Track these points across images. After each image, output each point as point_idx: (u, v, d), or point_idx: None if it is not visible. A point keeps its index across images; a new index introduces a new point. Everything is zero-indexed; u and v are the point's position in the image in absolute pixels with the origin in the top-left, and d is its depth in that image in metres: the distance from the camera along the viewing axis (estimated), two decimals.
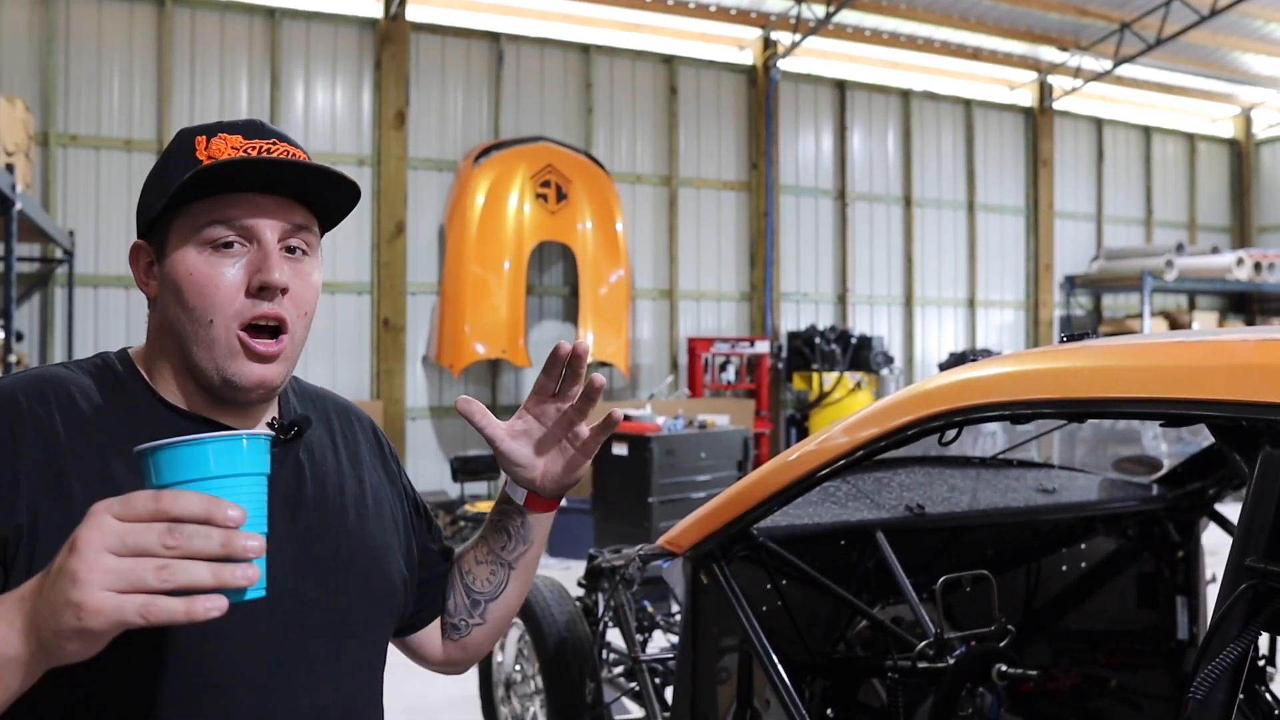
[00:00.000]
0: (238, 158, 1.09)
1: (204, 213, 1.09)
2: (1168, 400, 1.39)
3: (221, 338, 1.09)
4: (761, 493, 2.13)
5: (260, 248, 1.10)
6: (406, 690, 5.04)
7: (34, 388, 1.09)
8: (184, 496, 0.83)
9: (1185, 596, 2.81)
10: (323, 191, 1.15)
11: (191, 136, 1.13)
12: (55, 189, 8.45)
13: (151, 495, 0.83)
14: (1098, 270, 13.52)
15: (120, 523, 0.82)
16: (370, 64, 9.58)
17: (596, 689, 3.08)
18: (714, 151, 11.31)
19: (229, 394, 1.13)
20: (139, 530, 0.81)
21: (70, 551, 0.82)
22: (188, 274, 1.09)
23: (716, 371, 10.61)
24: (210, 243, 1.09)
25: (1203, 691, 1.18)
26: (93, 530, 0.81)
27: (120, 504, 0.83)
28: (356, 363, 9.53)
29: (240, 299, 1.09)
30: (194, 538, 0.81)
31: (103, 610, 0.80)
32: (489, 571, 1.38)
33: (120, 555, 0.81)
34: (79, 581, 0.80)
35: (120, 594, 0.80)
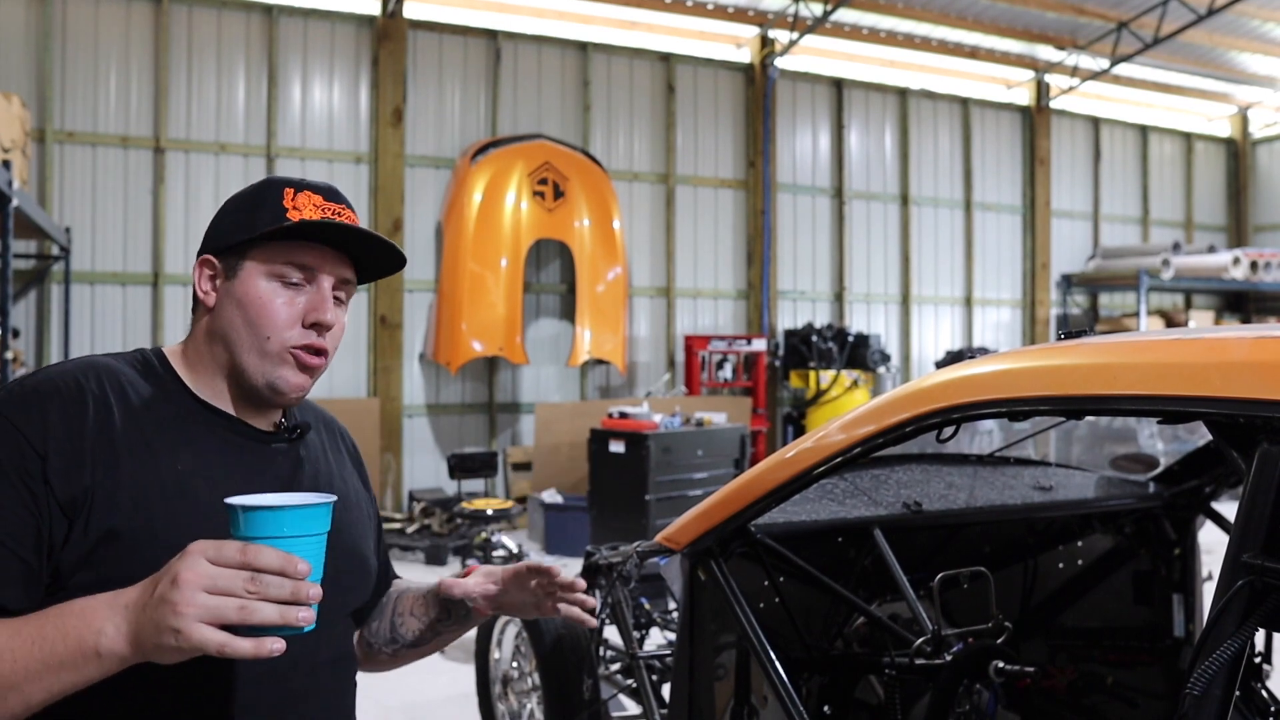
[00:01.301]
0: (327, 220, 1.33)
1: (284, 253, 1.33)
2: (1165, 397, 1.39)
3: (274, 351, 1.32)
4: (759, 490, 2.13)
5: (318, 291, 1.35)
6: (404, 687, 5.04)
7: (90, 371, 1.28)
8: (265, 552, 1.03)
9: (1181, 594, 2.82)
10: (374, 255, 1.40)
11: (281, 186, 1.35)
12: (51, 186, 8.44)
13: (240, 548, 1.03)
14: (1094, 269, 13.54)
15: (213, 566, 1.02)
16: (368, 61, 9.57)
17: (594, 686, 3.08)
18: (711, 149, 11.31)
19: (269, 396, 1.34)
20: (228, 575, 1.02)
21: (173, 584, 1.01)
22: (258, 297, 1.32)
23: (713, 369, 10.61)
24: (281, 277, 1.33)
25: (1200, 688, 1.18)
26: (190, 570, 1.01)
27: (214, 549, 1.03)
28: (354, 360, 9.52)
29: (296, 328, 1.33)
30: (270, 586, 1.02)
31: (193, 637, 1.00)
32: (418, 627, 1.59)
33: (211, 594, 1.01)
34: (179, 613, 1.00)
35: (208, 625, 1.01)
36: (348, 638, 1.47)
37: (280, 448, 1.39)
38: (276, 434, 1.40)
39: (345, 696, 1.46)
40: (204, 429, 1.32)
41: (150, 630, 1.03)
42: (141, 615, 1.04)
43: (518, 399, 10.28)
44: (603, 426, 8.06)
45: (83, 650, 1.06)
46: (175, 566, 1.03)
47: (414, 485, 9.62)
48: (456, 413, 10.01)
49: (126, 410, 1.26)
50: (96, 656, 1.06)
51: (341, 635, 1.44)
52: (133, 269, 8.73)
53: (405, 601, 1.60)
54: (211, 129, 9.01)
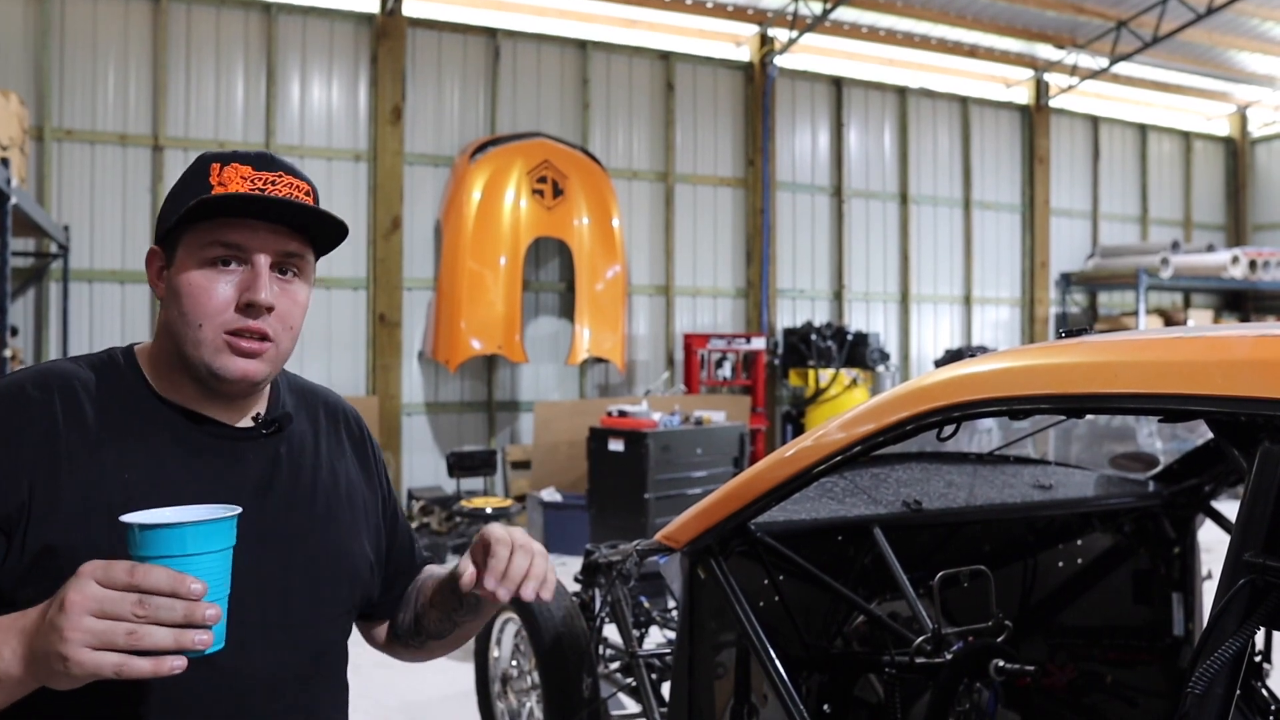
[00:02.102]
0: (235, 193, 1.23)
1: (208, 233, 1.24)
2: (1166, 396, 1.39)
3: (208, 339, 1.25)
4: (759, 488, 2.13)
5: (252, 269, 1.26)
6: (402, 685, 5.04)
7: (40, 379, 1.25)
8: (154, 572, 0.98)
9: (1181, 593, 2.82)
10: (315, 225, 1.30)
11: (209, 162, 1.28)
12: (50, 184, 8.43)
13: (127, 569, 0.98)
14: (1093, 268, 13.54)
15: (100, 589, 0.97)
16: (366, 59, 9.56)
17: (593, 684, 3.08)
18: (710, 148, 11.30)
19: (215, 385, 1.28)
20: (114, 598, 0.97)
21: (60, 609, 0.98)
22: (187, 284, 1.25)
23: (713, 368, 10.61)
24: (210, 260, 1.25)
25: (1201, 686, 1.18)
26: (77, 594, 0.97)
27: (103, 570, 0.98)
28: (352, 358, 9.52)
29: (229, 311, 1.25)
30: (160, 609, 0.97)
31: (83, 664, 0.97)
32: (439, 618, 1.51)
33: (98, 618, 0.97)
34: (64, 639, 0.97)
35: (96, 650, 0.97)
36: (332, 642, 1.39)
37: (252, 444, 1.32)
38: (250, 429, 1.33)
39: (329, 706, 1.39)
40: (165, 430, 1.27)
41: (40, 655, 1.00)
42: (35, 640, 1.01)
43: (517, 397, 10.28)
44: (602, 425, 8.05)
45: None
46: (64, 590, 0.99)
47: (413, 484, 9.62)
48: (455, 411, 10.00)
49: (76, 420, 1.21)
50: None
51: (323, 640, 1.37)
52: (131, 267, 8.71)
53: (427, 592, 1.53)
54: (210, 127, 9.00)
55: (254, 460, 1.32)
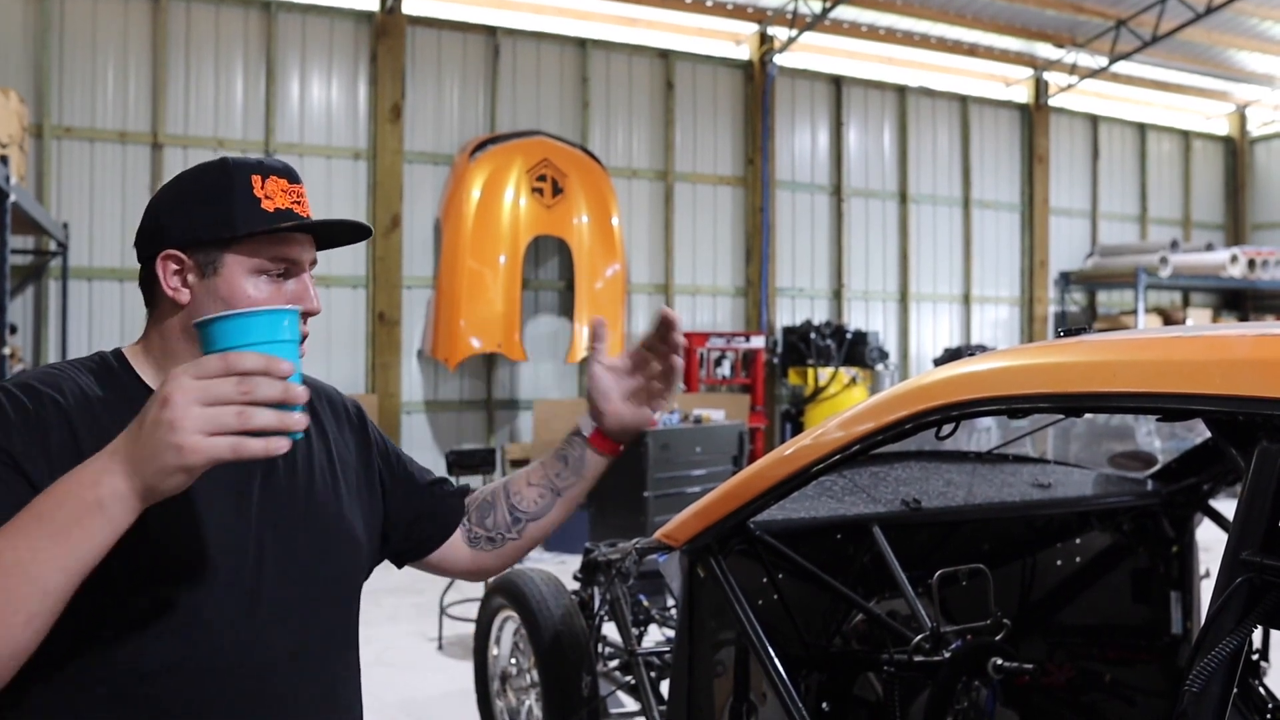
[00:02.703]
0: (308, 221, 1.33)
1: (261, 246, 1.30)
2: (1164, 395, 1.39)
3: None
4: (758, 487, 2.13)
5: (300, 282, 1.34)
6: (402, 683, 5.04)
7: (47, 378, 1.27)
8: (246, 356, 1.02)
9: (1179, 592, 2.82)
10: (338, 235, 1.40)
11: (247, 174, 1.31)
12: (49, 181, 8.42)
13: (218, 358, 1.01)
14: (1092, 267, 13.54)
15: (199, 380, 1.00)
16: (366, 57, 9.55)
17: (592, 683, 3.08)
18: (710, 146, 11.30)
19: None
20: (217, 383, 1.00)
21: (162, 405, 0.99)
22: (247, 296, 1.29)
23: (712, 366, 10.61)
24: (264, 272, 1.31)
25: (1199, 685, 1.19)
26: (177, 389, 0.99)
27: (194, 366, 1.01)
28: (352, 356, 9.52)
29: None
30: (260, 387, 1.00)
31: (199, 449, 0.99)
32: (538, 494, 1.60)
33: (205, 405, 0.99)
34: (177, 428, 0.98)
35: (209, 436, 0.99)
36: (343, 617, 1.43)
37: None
38: None
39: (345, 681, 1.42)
40: None
41: (149, 457, 1.00)
42: (136, 448, 1.01)
43: (516, 396, 10.28)
44: None
45: (85, 506, 1.02)
46: (160, 392, 1.00)
47: None
48: (455, 409, 10.00)
49: (88, 415, 1.24)
50: (100, 508, 1.02)
51: (335, 616, 1.41)
52: (131, 265, 8.64)
53: (516, 483, 1.62)
54: (210, 125, 9.00)
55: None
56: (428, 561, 1.64)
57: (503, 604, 3.67)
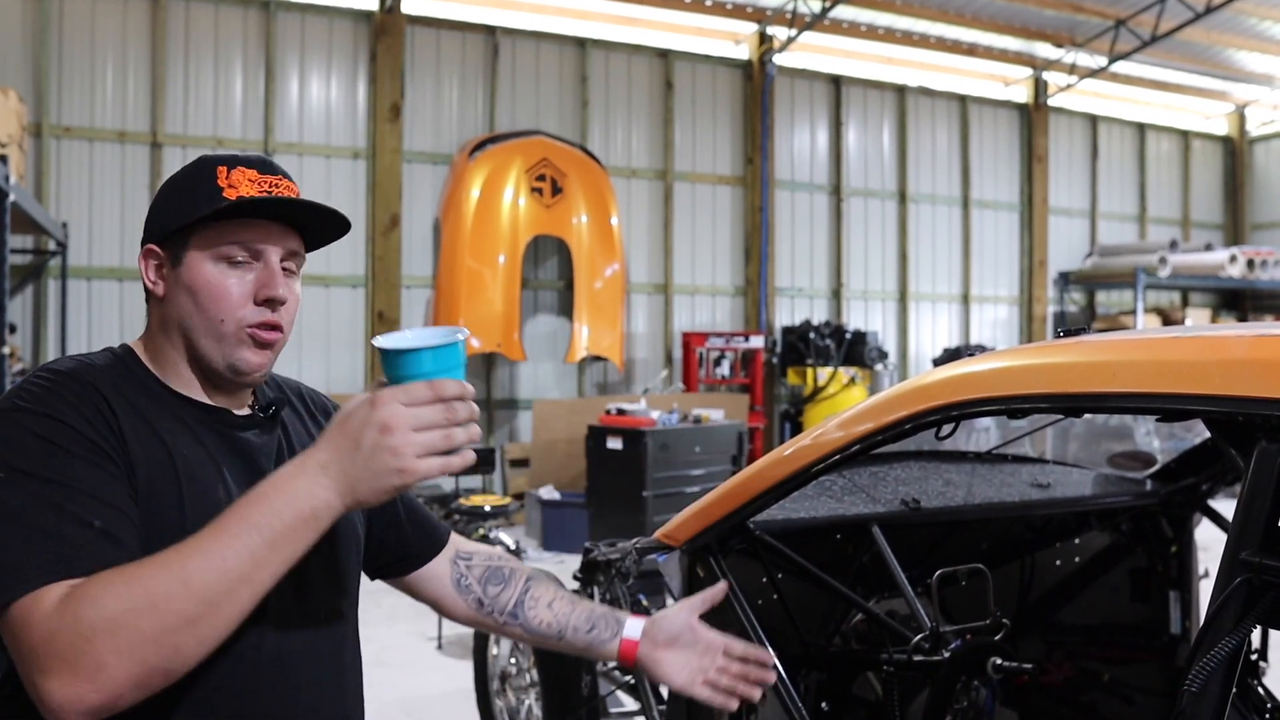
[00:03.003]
0: (265, 196, 1.31)
1: (224, 234, 1.31)
2: (1163, 395, 1.40)
3: (230, 333, 1.32)
4: (758, 487, 2.14)
5: (266, 268, 1.34)
6: (401, 683, 5.04)
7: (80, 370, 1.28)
8: (449, 383, 1.13)
9: (1178, 591, 2.83)
10: (317, 224, 1.38)
11: (213, 165, 1.34)
12: (48, 180, 8.42)
13: (428, 385, 1.12)
14: (1091, 266, 13.55)
15: (410, 408, 1.11)
16: (365, 56, 9.55)
17: (592, 682, 3.09)
18: (709, 146, 11.30)
19: (230, 377, 1.34)
20: (427, 411, 1.12)
21: (383, 431, 1.11)
22: (205, 282, 1.31)
23: (711, 366, 10.61)
24: (227, 258, 1.32)
25: (1198, 684, 1.19)
26: (396, 418, 1.11)
27: (404, 394, 1.12)
28: (350, 356, 9.52)
29: (248, 306, 1.32)
30: (460, 412, 1.13)
31: (418, 470, 1.12)
32: (547, 623, 1.67)
33: (419, 430, 1.11)
34: (399, 453, 1.11)
35: (424, 458, 1.12)
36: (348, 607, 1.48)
37: (256, 431, 1.40)
38: (251, 417, 1.40)
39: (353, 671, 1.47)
40: (190, 417, 1.33)
41: (370, 478, 1.12)
42: (353, 467, 1.12)
43: (515, 395, 10.28)
44: (600, 423, 8.06)
45: (299, 517, 1.13)
46: (375, 417, 1.11)
47: None
48: None
49: (123, 401, 1.27)
50: (314, 519, 1.13)
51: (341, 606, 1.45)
52: (130, 264, 8.71)
53: (541, 594, 1.67)
54: (209, 124, 8.99)
55: (265, 442, 1.41)
56: (403, 582, 1.68)
57: None
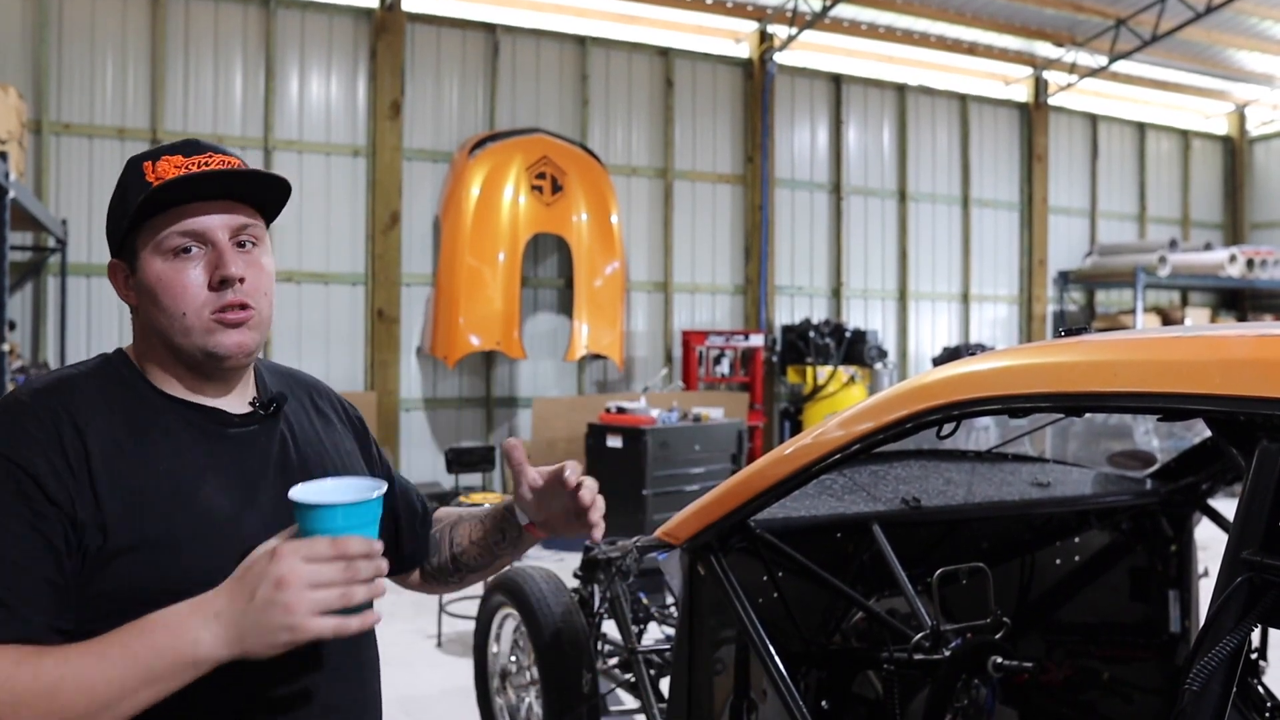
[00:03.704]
0: (179, 175, 1.28)
1: (162, 227, 1.29)
2: (1165, 395, 1.40)
3: (196, 325, 1.30)
4: (759, 485, 2.14)
5: (215, 248, 1.31)
6: (400, 681, 5.05)
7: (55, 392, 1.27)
8: (352, 541, 1.13)
9: (1177, 590, 2.83)
10: (259, 191, 1.35)
11: (140, 163, 1.32)
12: (48, 177, 8.42)
13: (328, 543, 1.12)
14: (1091, 266, 13.55)
15: (309, 564, 1.11)
16: (365, 54, 9.55)
17: (592, 680, 3.09)
18: (709, 145, 11.30)
19: (213, 365, 1.33)
20: (325, 569, 1.11)
21: (276, 586, 1.10)
22: (158, 280, 1.29)
23: (711, 364, 10.61)
24: (172, 250, 1.29)
25: (1199, 683, 1.19)
26: (292, 573, 1.10)
27: (306, 548, 1.12)
28: (350, 354, 9.52)
29: (205, 293, 1.30)
30: (360, 570, 1.13)
31: (309, 629, 1.11)
32: (478, 553, 1.65)
33: (315, 588, 1.11)
34: (292, 611, 1.10)
35: (318, 617, 1.11)
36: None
37: (256, 429, 1.38)
38: (252, 413, 1.38)
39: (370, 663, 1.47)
40: (179, 422, 1.32)
41: (258, 632, 1.12)
42: (244, 620, 1.12)
43: (515, 393, 10.28)
44: (600, 421, 8.06)
45: (180, 661, 1.12)
46: (273, 570, 1.11)
47: (411, 479, 9.59)
48: (454, 407, 10.00)
49: (99, 424, 1.25)
50: (194, 665, 1.13)
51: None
52: None
53: (462, 531, 1.66)
54: (208, 121, 8.99)
55: (264, 442, 1.38)
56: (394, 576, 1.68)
57: (503, 601, 3.68)
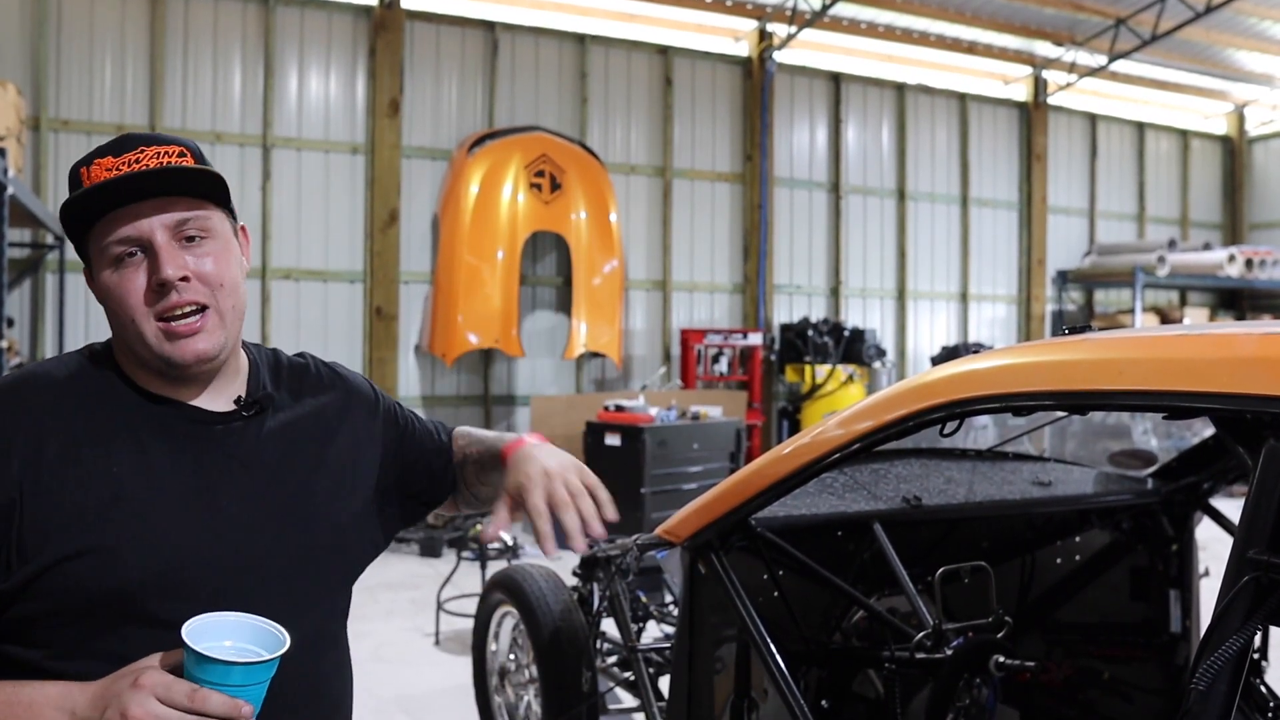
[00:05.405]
0: (88, 188, 1.23)
1: (102, 234, 1.25)
2: (1171, 393, 1.39)
3: (148, 332, 1.25)
4: (760, 483, 2.13)
5: (150, 250, 1.24)
6: (399, 679, 5.04)
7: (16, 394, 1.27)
8: (212, 698, 1.07)
9: (1178, 590, 2.82)
10: (194, 182, 1.27)
11: (76, 170, 1.28)
12: (46, 174, 8.40)
13: (187, 692, 1.07)
14: (1090, 265, 13.55)
15: (160, 706, 1.07)
16: (364, 51, 9.53)
17: (592, 678, 3.08)
18: (708, 143, 11.29)
19: (174, 373, 1.29)
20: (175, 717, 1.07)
21: (121, 716, 1.07)
22: (106, 290, 1.27)
23: (709, 363, 10.61)
24: (115, 259, 1.25)
25: (1205, 682, 1.18)
26: (139, 708, 1.07)
27: (164, 689, 1.08)
28: (349, 351, 9.50)
29: (147, 300, 1.25)
30: None
31: None
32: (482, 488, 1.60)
33: None
34: None
35: None
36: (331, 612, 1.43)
37: (235, 427, 1.34)
38: (231, 413, 1.35)
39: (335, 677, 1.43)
40: (148, 421, 1.29)
41: None
42: None
43: (513, 391, 10.27)
44: (599, 419, 8.05)
45: None
46: (125, 698, 1.08)
47: None
48: (452, 405, 9.99)
49: (60, 425, 1.24)
50: None
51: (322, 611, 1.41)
52: None
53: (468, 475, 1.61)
54: (207, 118, 8.97)
55: (238, 442, 1.34)
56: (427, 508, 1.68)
57: (501, 599, 3.67)
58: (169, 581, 1.23)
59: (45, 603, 1.20)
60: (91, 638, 1.21)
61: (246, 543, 1.30)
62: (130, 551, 1.22)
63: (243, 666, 1.10)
